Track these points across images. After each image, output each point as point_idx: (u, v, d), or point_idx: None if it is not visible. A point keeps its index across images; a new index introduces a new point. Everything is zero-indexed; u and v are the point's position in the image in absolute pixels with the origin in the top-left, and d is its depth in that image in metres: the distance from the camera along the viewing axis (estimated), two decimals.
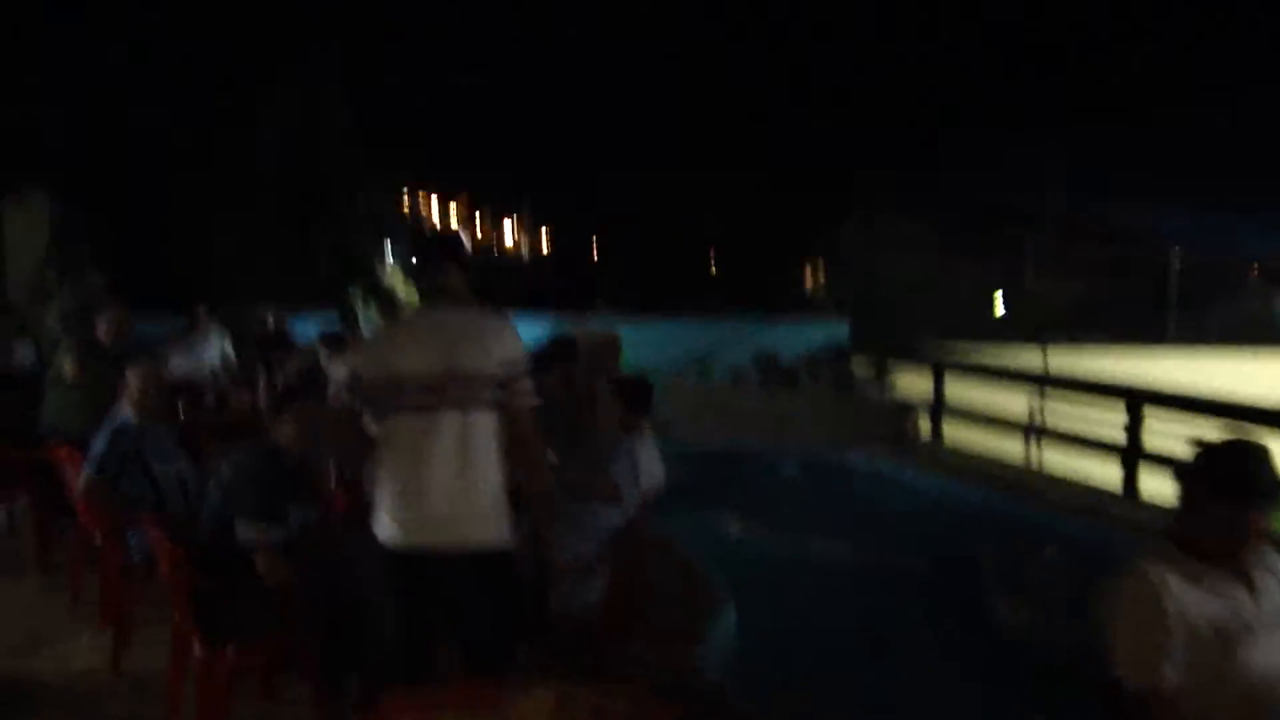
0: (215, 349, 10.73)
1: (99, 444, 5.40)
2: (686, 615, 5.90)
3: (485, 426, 3.64)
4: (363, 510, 3.87)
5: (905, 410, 12.57)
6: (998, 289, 22.36)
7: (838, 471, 10.94)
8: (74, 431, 6.87)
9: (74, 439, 6.51)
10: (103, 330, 7.66)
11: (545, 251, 27.62)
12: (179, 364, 9.90)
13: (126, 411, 5.53)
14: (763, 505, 9.37)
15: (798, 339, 15.11)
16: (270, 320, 11.55)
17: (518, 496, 3.81)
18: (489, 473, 3.66)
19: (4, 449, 6.94)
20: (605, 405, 5.71)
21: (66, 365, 7.38)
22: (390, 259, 14.18)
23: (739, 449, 11.47)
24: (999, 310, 22.08)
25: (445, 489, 3.59)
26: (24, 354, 9.08)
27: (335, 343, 9.32)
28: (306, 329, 12.06)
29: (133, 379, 5.56)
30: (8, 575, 6.83)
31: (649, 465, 5.36)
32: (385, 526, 3.66)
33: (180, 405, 7.98)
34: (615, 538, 5.19)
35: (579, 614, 5.01)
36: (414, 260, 14.59)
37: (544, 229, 27.42)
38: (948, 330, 17.33)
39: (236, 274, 13.89)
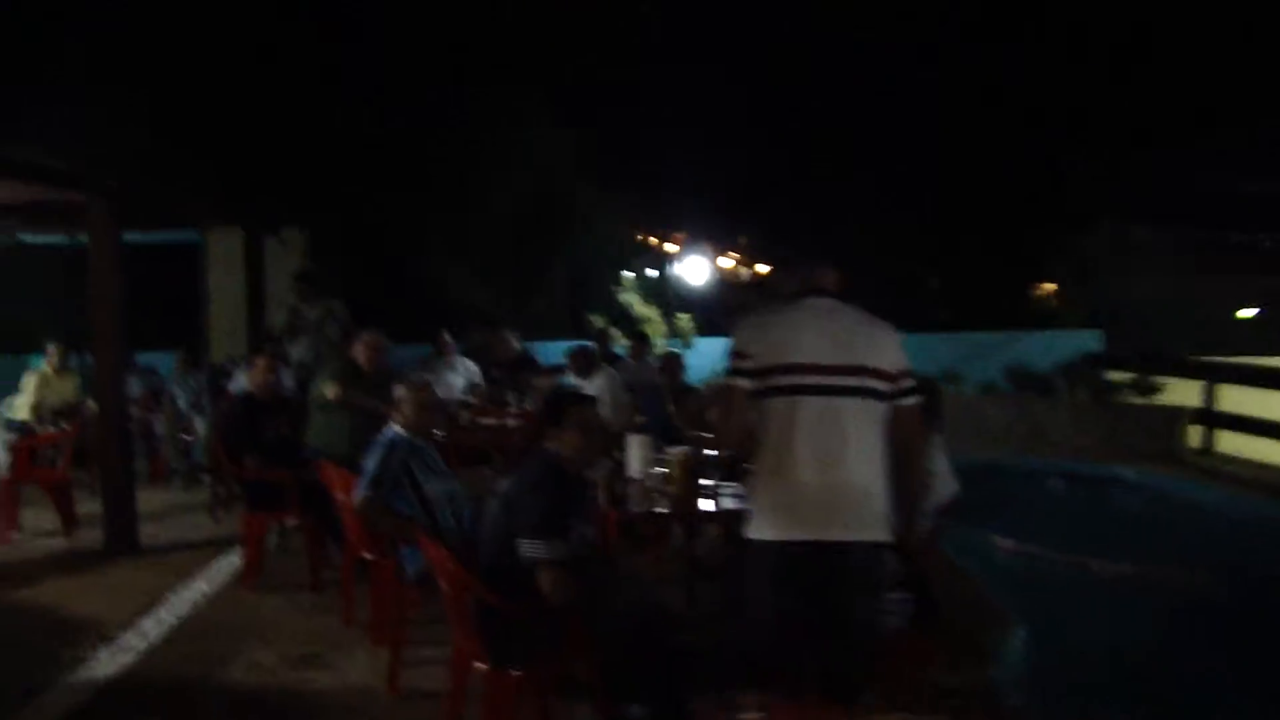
0: (462, 374, 10.85)
1: (372, 462, 5.38)
2: (977, 635, 5.55)
3: (878, 420, 3.71)
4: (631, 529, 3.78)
5: (1174, 418, 11.75)
6: (1249, 298, 21.18)
7: (1108, 484, 10.26)
8: (337, 453, 7.00)
9: (337, 460, 6.63)
10: (361, 353, 7.76)
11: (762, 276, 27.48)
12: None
13: (396, 429, 5.49)
14: (1029, 520, 8.83)
15: (1047, 350, 14.36)
16: (515, 344, 11.64)
17: None
18: (880, 466, 3.71)
19: (273, 471, 7.07)
20: None
21: (327, 388, 7.50)
22: (628, 284, 14.13)
23: (998, 462, 10.91)
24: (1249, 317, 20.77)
25: (841, 478, 3.63)
26: (286, 379, 9.35)
27: (584, 362, 9.28)
28: (545, 356, 12.16)
29: (405, 395, 5.54)
30: (280, 594, 6.95)
31: (942, 474, 5.02)
32: (768, 518, 3.68)
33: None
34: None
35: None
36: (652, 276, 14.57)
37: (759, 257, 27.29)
38: (1200, 340, 16.32)
39: (474, 302, 14.08)
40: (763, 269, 27.11)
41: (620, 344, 12.76)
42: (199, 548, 8.22)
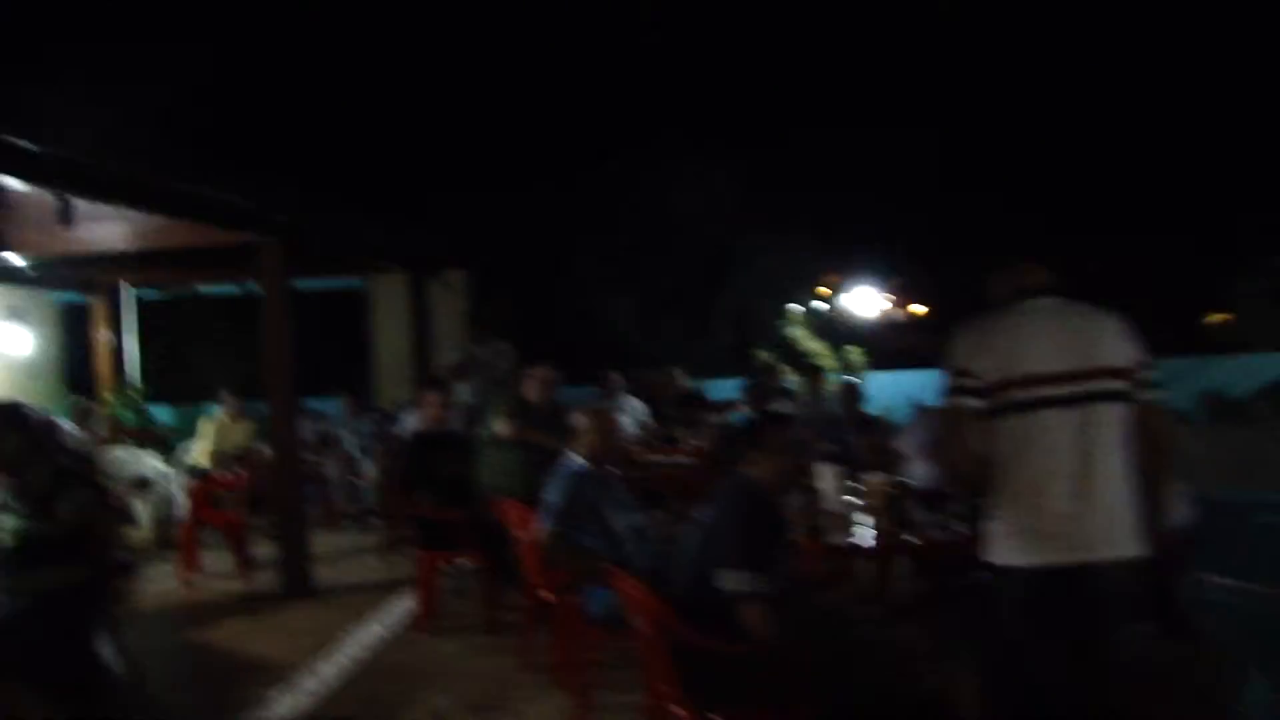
0: (630, 413, 10.63)
1: (555, 495, 5.12)
2: (1204, 682, 4.99)
3: (1123, 423, 3.44)
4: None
5: None
6: None
7: None
8: (510, 490, 6.81)
9: (510, 496, 6.43)
10: (532, 388, 7.58)
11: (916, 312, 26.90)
12: None
13: (579, 459, 5.23)
14: (1243, 557, 8.09)
15: (1243, 375, 13.42)
16: (682, 381, 11.39)
17: None
18: (1129, 474, 3.43)
19: (447, 509, 6.88)
20: None
21: (499, 424, 7.34)
22: (794, 318, 13.76)
23: (1197, 495, 10.11)
24: None
25: (1092, 494, 3.33)
26: (455, 418, 9.26)
27: (760, 395, 8.97)
28: (712, 393, 11.88)
29: (588, 424, 5.27)
30: (456, 636, 6.74)
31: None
32: (1014, 543, 3.38)
33: None
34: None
35: None
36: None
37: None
38: None
39: (638, 341, 13.90)
40: (918, 309, 26.50)
41: (788, 379, 12.40)
42: (372, 590, 8.10)
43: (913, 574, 6.26)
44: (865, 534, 5.29)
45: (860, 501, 5.44)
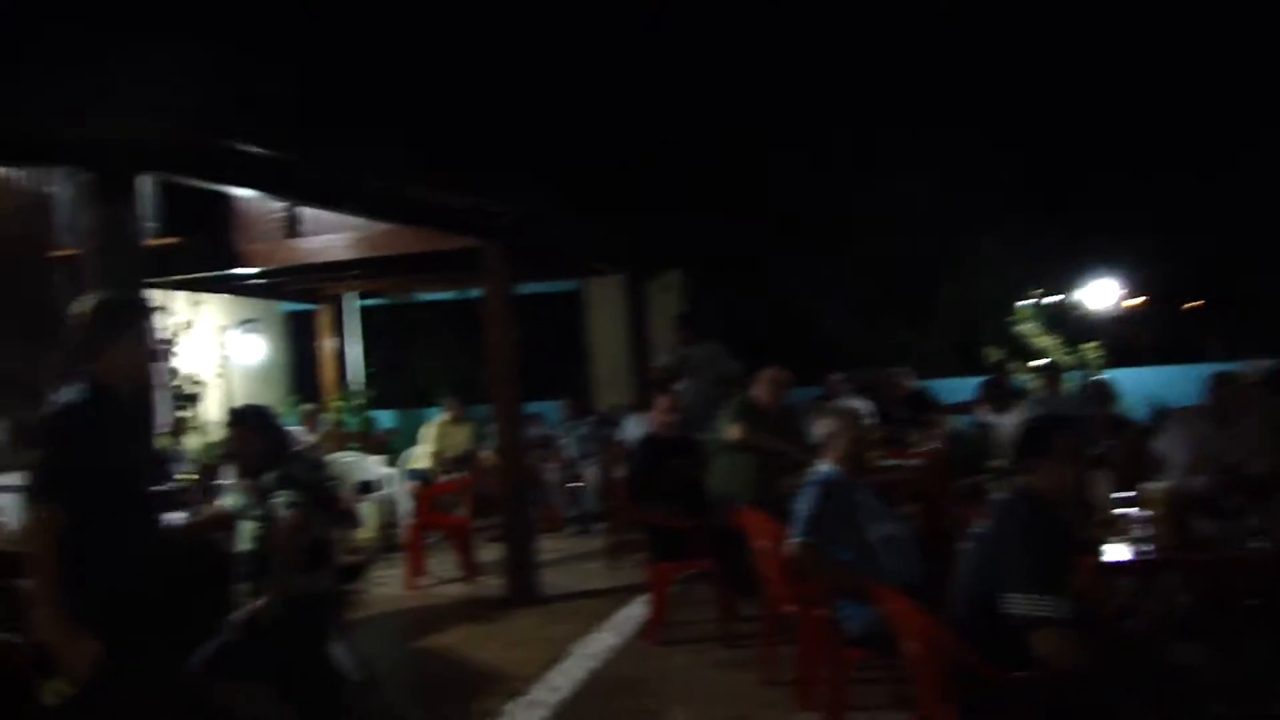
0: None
1: (805, 504, 4.75)
2: None
3: None
4: None
5: None
6: None
7: None
8: (742, 496, 6.52)
9: (743, 503, 6.13)
10: (763, 390, 7.25)
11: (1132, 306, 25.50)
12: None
13: (828, 466, 4.86)
14: None
15: None
16: (907, 382, 10.89)
17: None
18: None
19: (680, 516, 6.60)
20: None
21: (730, 428, 7.03)
22: (1024, 314, 13.01)
23: None
24: None
25: None
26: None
27: (999, 395, 8.43)
28: (937, 394, 11.32)
29: (836, 427, 4.90)
30: (688, 648, 6.47)
31: None
32: None
33: None
34: None
35: None
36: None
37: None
38: None
39: (856, 340, 13.43)
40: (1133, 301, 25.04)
41: (1020, 378, 11.74)
42: (598, 597, 7.91)
43: (1198, 593, 5.65)
44: (1143, 548, 4.75)
45: (1139, 512, 4.89)
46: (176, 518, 5.55)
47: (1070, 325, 13.06)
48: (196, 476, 6.83)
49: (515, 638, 6.99)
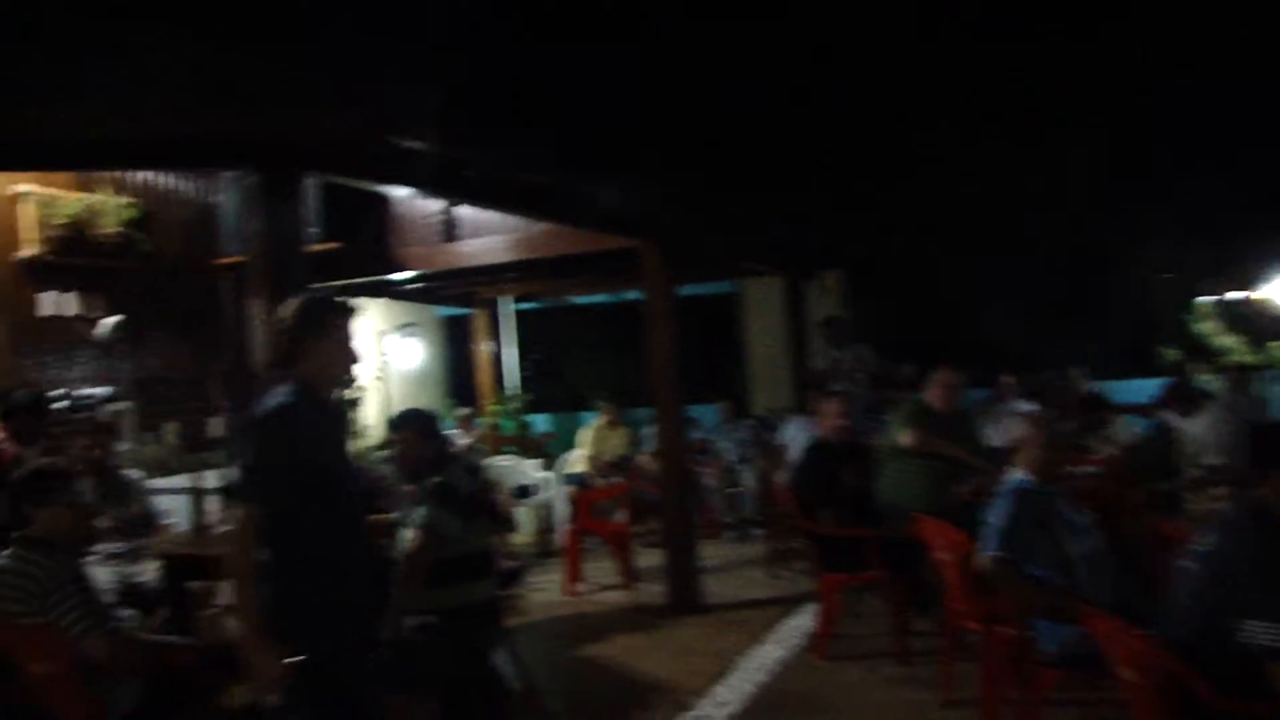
0: None
1: (997, 515, 4.42)
2: None
3: None
4: None
5: None
6: None
7: None
8: (912, 505, 6.21)
9: (915, 512, 5.85)
10: (935, 394, 6.91)
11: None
12: (991, 435, 9.04)
13: (1022, 474, 4.51)
14: None
15: None
16: (1083, 384, 10.37)
17: None
18: None
19: (851, 525, 6.31)
20: None
21: (902, 434, 6.72)
22: (1204, 311, 12.29)
23: None
24: None
25: None
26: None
27: (1185, 398, 7.92)
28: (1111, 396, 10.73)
29: (1031, 435, 4.55)
30: (859, 663, 6.19)
31: None
32: None
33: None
34: None
35: None
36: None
37: None
38: None
39: (1024, 341, 12.88)
40: None
41: (1201, 379, 11.07)
42: (761, 606, 7.67)
43: None
44: None
45: None
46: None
47: (1256, 323, 12.29)
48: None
49: (678, 648, 6.80)
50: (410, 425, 4.98)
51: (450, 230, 8.47)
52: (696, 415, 11.63)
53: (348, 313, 3.50)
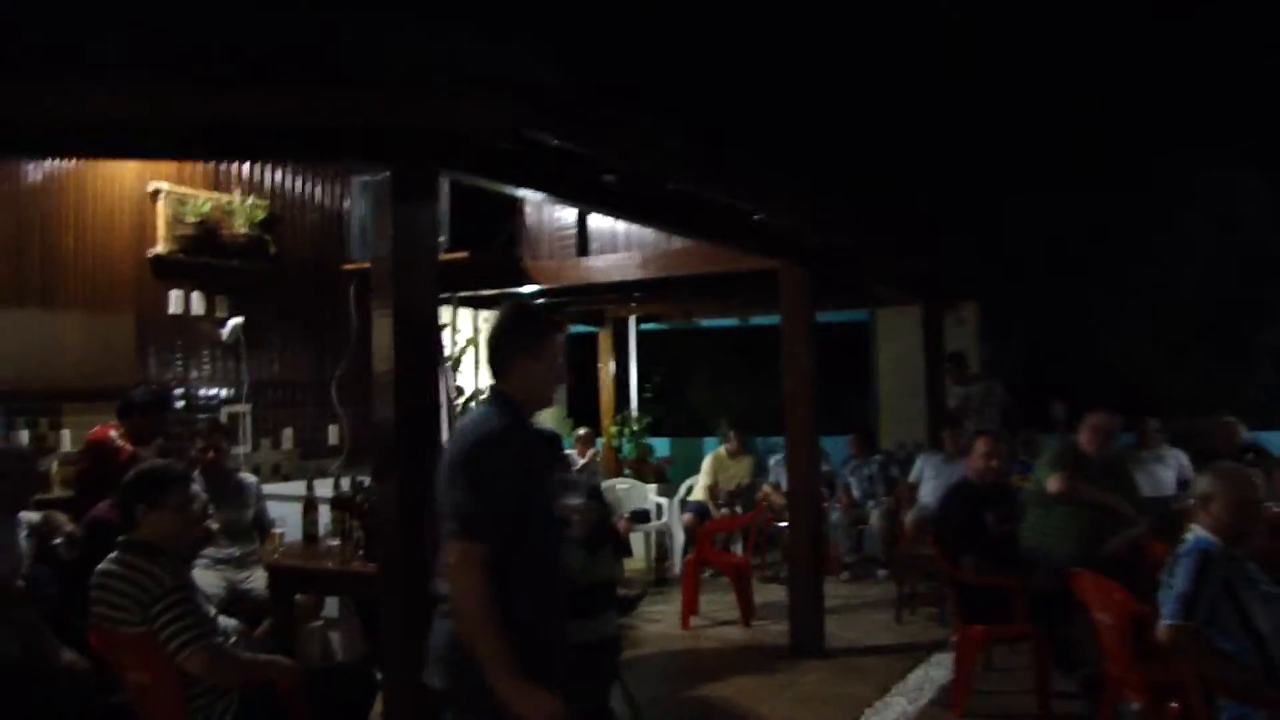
0: (1173, 466, 9.15)
1: (1181, 579, 3.94)
2: None
3: None
4: None
5: None
6: None
7: None
8: (1062, 554, 5.86)
9: (1062, 562, 5.56)
10: (1087, 437, 6.46)
11: None
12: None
13: (1206, 535, 4.05)
14: None
15: None
16: (1240, 431, 9.71)
17: None
18: None
19: (997, 574, 5.86)
20: None
21: (1050, 479, 6.28)
22: None
23: None
24: None
25: None
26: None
27: None
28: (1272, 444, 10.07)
29: (1217, 488, 4.08)
30: None
31: None
32: None
33: None
34: None
35: None
36: None
37: None
38: None
39: (1168, 383, 12.21)
40: None
41: None
42: (887, 654, 7.24)
43: None
44: None
45: None
46: None
47: None
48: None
49: (800, 695, 6.41)
50: None
51: (583, 245, 8.24)
52: (823, 447, 11.27)
53: (558, 328, 3.24)
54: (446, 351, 8.16)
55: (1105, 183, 12.42)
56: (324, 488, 6.41)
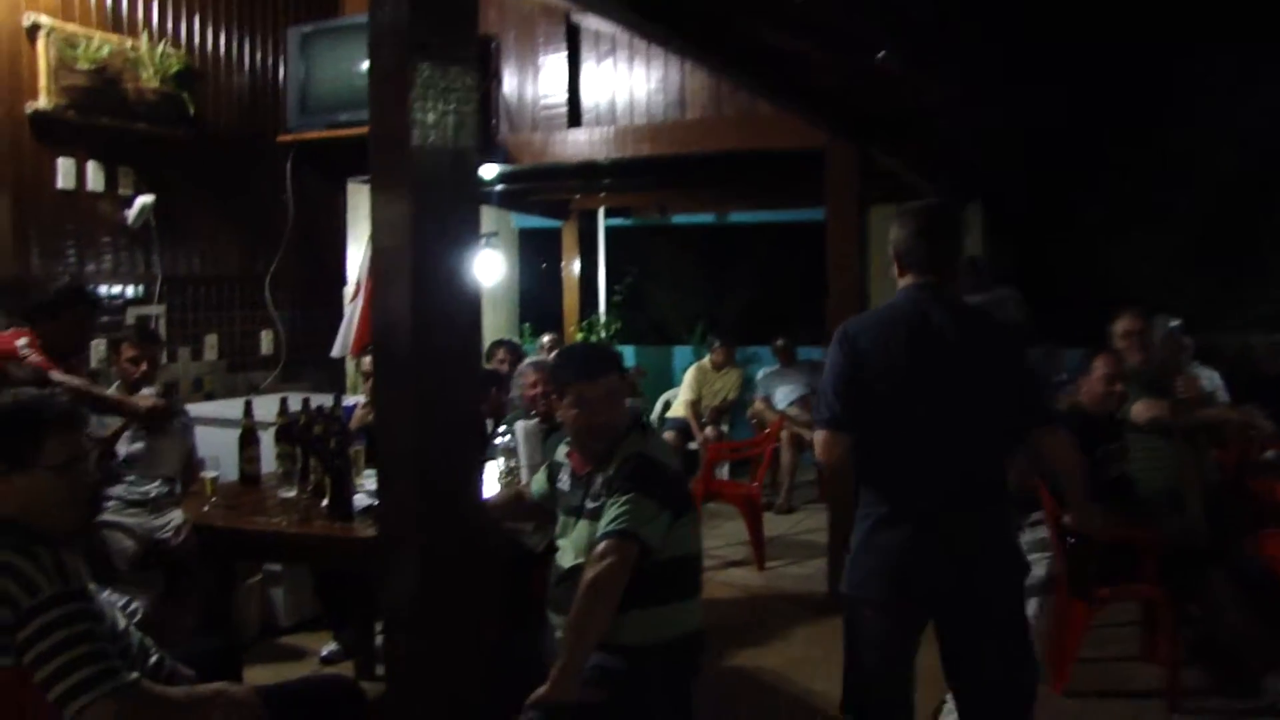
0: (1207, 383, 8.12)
1: None
2: None
3: None
4: None
5: None
6: None
7: None
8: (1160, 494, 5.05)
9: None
10: (1125, 345, 5.47)
11: None
12: None
13: None
14: None
15: None
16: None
17: None
18: None
19: (1123, 525, 4.67)
20: None
21: (1137, 405, 5.18)
22: None
23: None
24: None
25: None
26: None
27: None
28: None
29: None
30: (1119, 703, 4.68)
31: None
32: None
33: None
34: None
35: None
36: None
37: None
38: None
39: (1185, 292, 11.20)
40: None
41: None
42: None
43: None
44: None
45: None
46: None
47: None
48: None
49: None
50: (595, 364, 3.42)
51: (575, 115, 6.88)
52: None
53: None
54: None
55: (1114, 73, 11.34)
56: (264, 408, 5.07)
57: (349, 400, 5.53)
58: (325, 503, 4.05)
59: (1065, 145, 11.38)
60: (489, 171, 7.51)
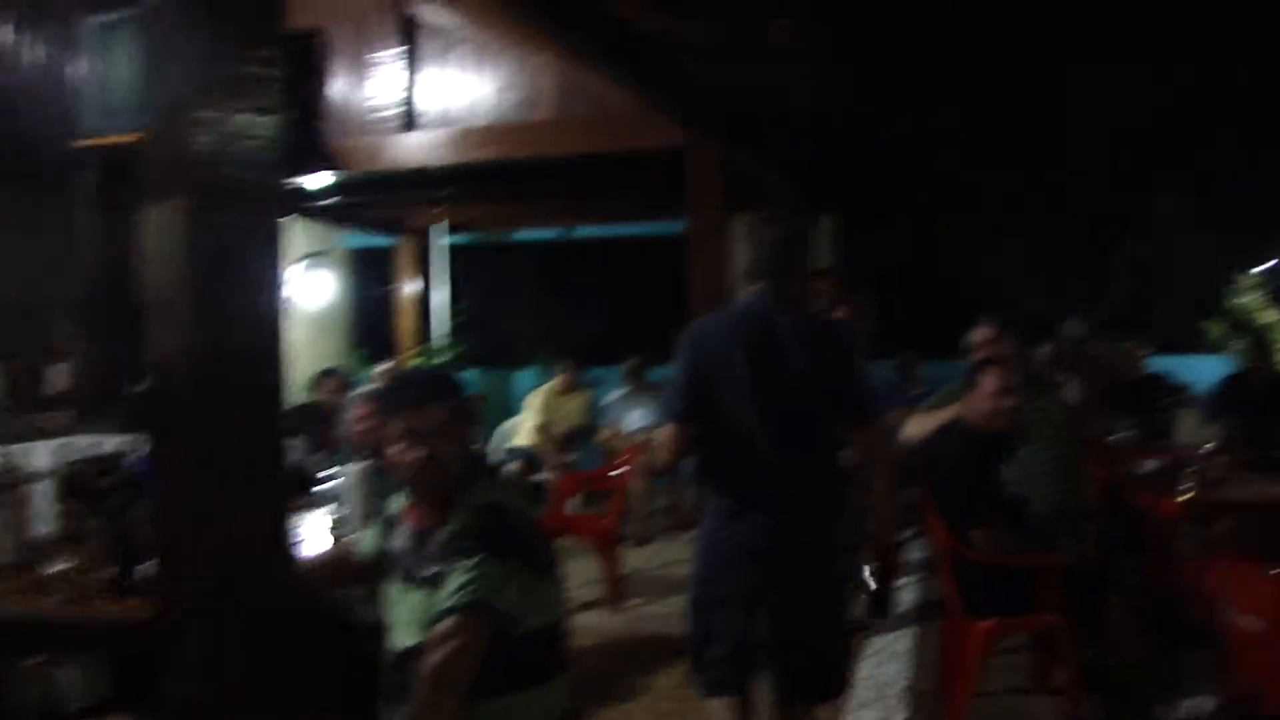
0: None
1: None
2: None
3: None
4: None
5: None
6: None
7: None
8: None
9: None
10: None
11: None
12: None
13: None
14: None
15: None
16: (1141, 359, 8.65)
17: None
18: None
19: (1020, 551, 4.28)
20: None
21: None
22: (1249, 283, 10.68)
23: None
24: None
25: None
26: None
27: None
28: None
29: None
30: None
31: None
32: None
33: None
34: None
35: None
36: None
37: None
38: None
39: (1035, 305, 11.19)
40: None
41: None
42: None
43: None
44: None
45: None
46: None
47: None
48: None
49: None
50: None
51: (409, 120, 6.28)
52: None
53: None
54: None
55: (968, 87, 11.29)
56: (45, 457, 4.33)
57: None
58: (120, 574, 3.32)
59: (922, 157, 11.26)
60: (315, 182, 6.86)
